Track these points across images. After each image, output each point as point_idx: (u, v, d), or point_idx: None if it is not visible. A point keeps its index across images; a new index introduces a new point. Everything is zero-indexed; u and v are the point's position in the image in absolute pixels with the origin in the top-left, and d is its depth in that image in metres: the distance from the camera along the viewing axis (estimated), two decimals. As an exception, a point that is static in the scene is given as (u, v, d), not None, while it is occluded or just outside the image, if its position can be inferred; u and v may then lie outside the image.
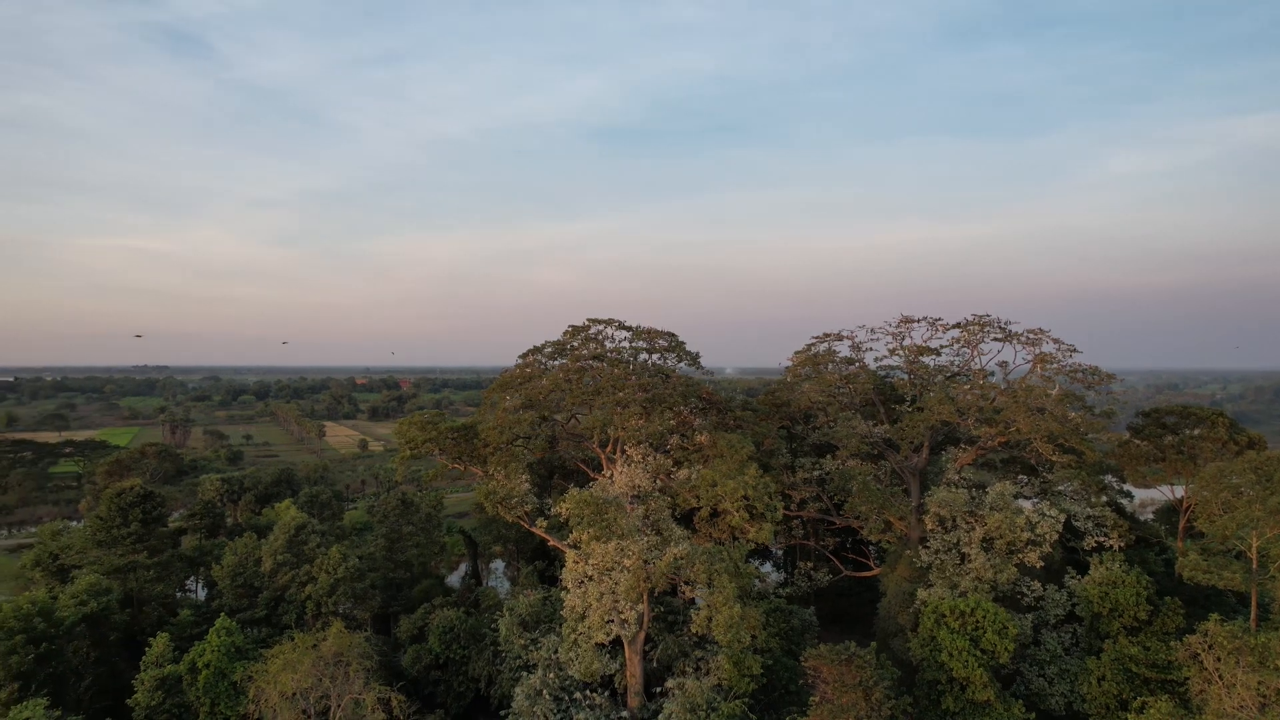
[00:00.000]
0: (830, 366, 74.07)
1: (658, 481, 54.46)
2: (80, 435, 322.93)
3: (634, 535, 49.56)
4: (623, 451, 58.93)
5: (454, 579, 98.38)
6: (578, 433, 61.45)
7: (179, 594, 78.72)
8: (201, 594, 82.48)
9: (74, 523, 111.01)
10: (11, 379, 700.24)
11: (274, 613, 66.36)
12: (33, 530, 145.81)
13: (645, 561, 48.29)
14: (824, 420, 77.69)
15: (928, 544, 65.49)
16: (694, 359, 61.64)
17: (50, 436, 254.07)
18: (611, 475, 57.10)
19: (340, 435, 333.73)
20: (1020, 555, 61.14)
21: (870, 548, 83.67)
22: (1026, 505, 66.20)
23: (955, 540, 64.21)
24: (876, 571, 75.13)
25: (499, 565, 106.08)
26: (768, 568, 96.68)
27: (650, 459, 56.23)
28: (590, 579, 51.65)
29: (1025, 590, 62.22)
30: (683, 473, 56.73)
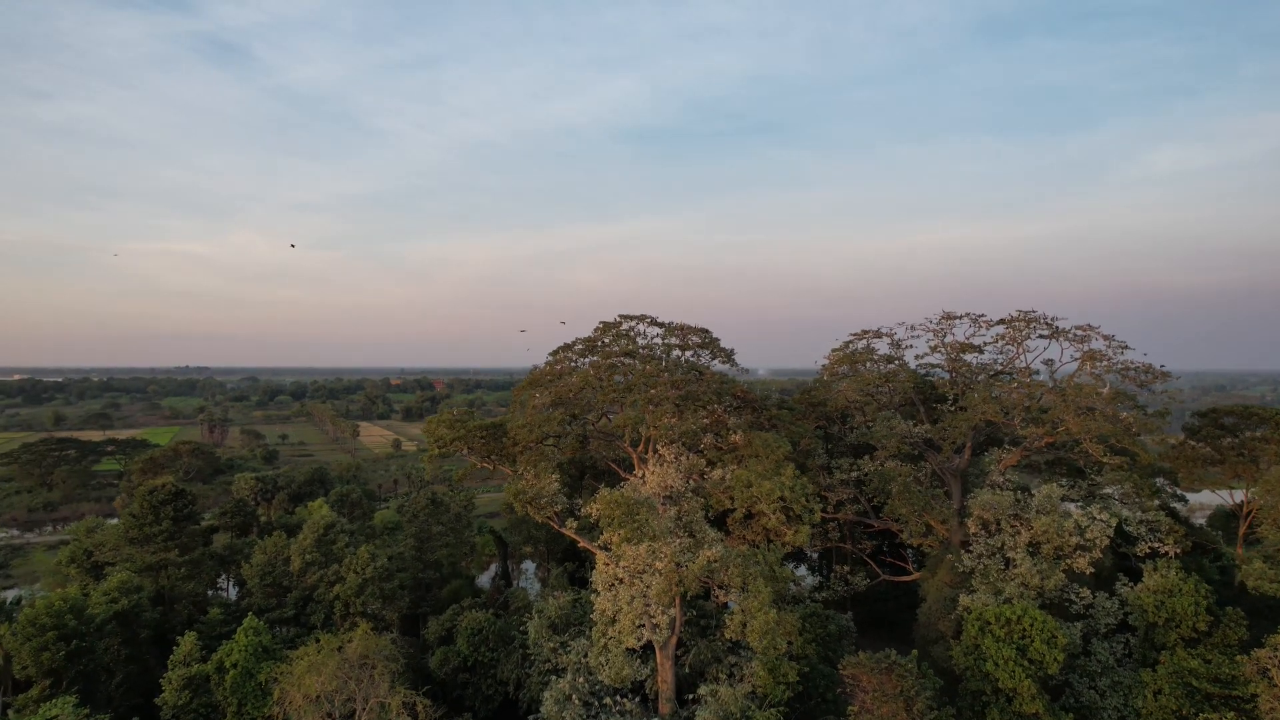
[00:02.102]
0: (869, 365, 71.79)
1: (690, 482, 52.82)
2: (124, 434, 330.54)
3: (666, 537, 48.04)
4: (654, 451, 57.44)
5: (484, 580, 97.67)
6: (609, 431, 59.98)
7: (210, 592, 78.93)
8: (233, 593, 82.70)
9: (110, 520, 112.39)
10: (61, 379, 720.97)
11: (302, 612, 66.02)
12: (75, 526, 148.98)
13: (677, 564, 46.73)
14: (861, 420, 75.45)
15: (970, 548, 63.06)
16: (728, 356, 59.91)
17: (94, 435, 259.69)
18: (643, 475, 55.61)
19: (374, 435, 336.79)
20: (1069, 561, 58.50)
21: (907, 551, 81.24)
22: (1074, 508, 63.42)
23: (999, 544, 61.72)
24: (916, 576, 72.74)
25: (529, 566, 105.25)
26: (803, 571, 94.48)
27: (683, 459, 54.61)
28: (621, 582, 50.25)
29: (1074, 597, 59.49)
30: (716, 473, 55.02)
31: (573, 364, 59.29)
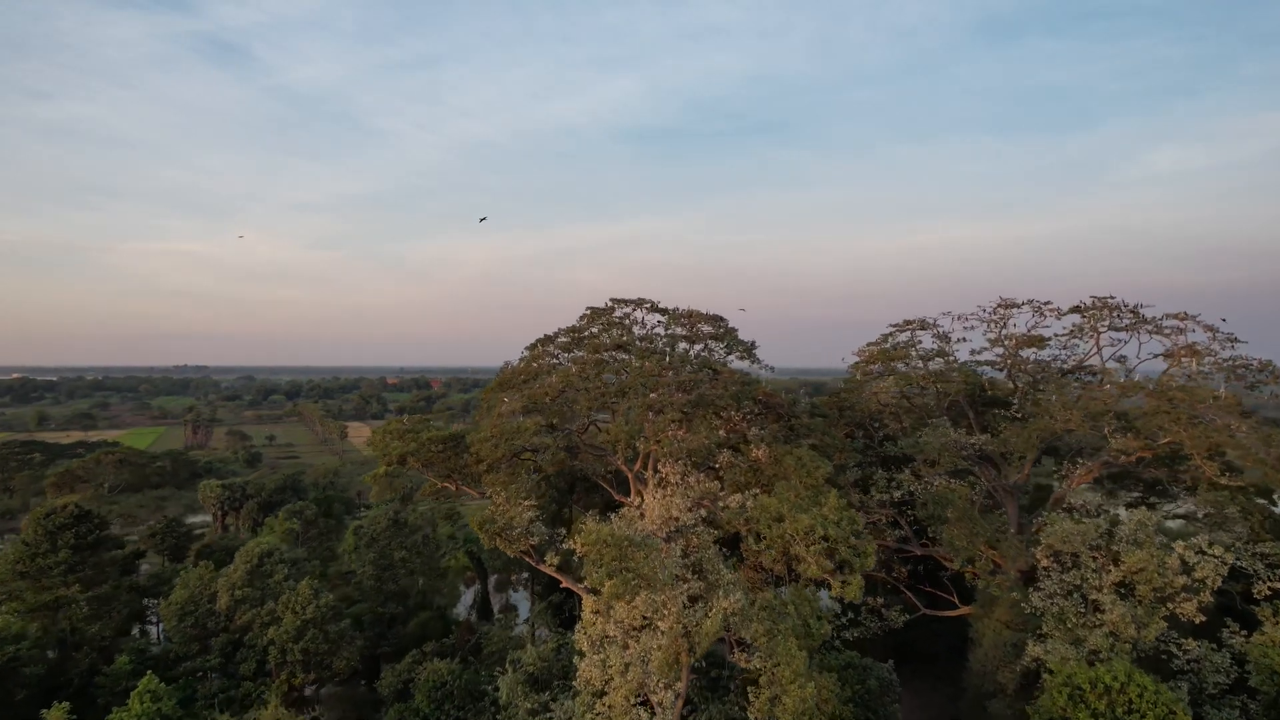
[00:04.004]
0: (911, 362, 60.39)
1: (701, 510, 41.24)
2: (108, 435, 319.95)
3: (670, 585, 36.66)
4: (655, 469, 46.00)
5: (463, 607, 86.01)
6: (597, 444, 48.18)
7: (140, 630, 67.59)
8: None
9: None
10: (55, 378, 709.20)
11: (230, 660, 54.60)
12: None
13: (686, 629, 35.39)
14: (896, 427, 64.06)
15: (1038, 584, 51.73)
16: (748, 350, 48.48)
17: (75, 435, 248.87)
18: (640, 503, 44.11)
19: (365, 436, 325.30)
20: (1172, 606, 47.04)
21: (944, 576, 69.79)
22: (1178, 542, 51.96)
23: (1078, 581, 50.31)
24: (964, 611, 61.47)
25: (518, 586, 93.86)
26: (824, 595, 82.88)
27: (693, 480, 42.90)
28: (612, 640, 38.90)
29: (1174, 650, 48.04)
30: (734, 498, 43.21)
31: (553, 360, 47.87)
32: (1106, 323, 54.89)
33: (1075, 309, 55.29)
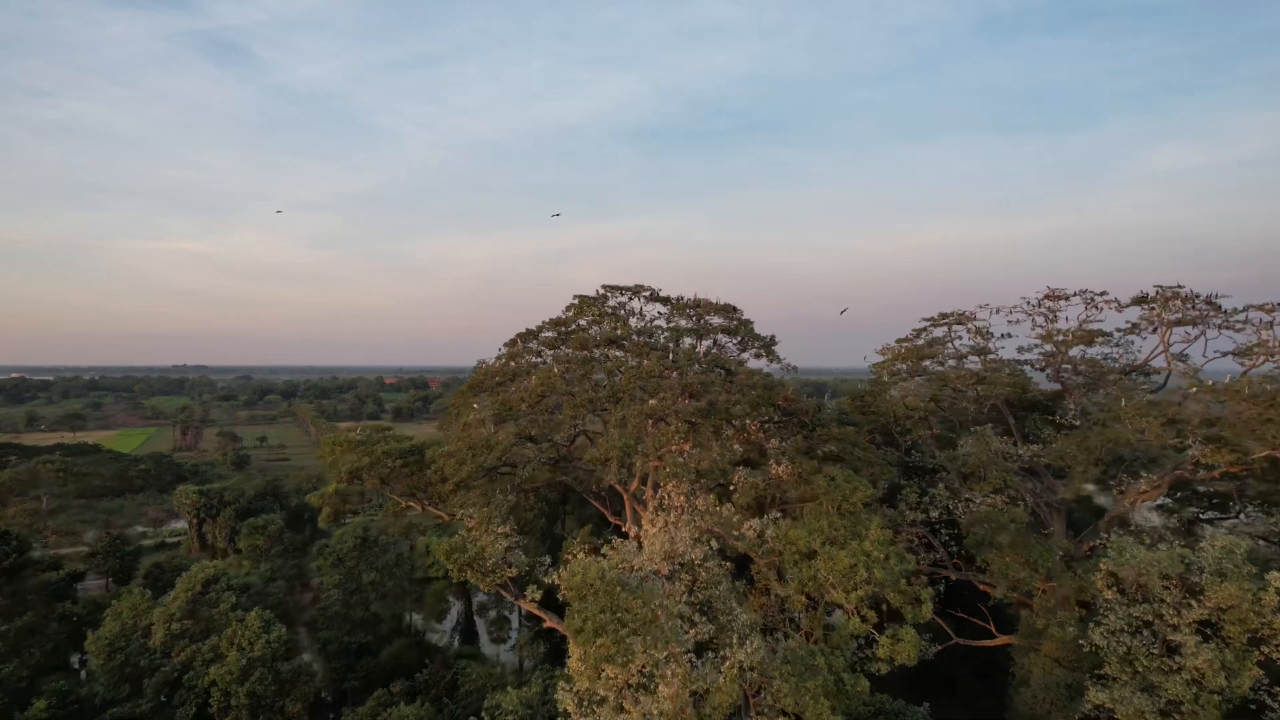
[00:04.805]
0: (946, 361, 53.17)
1: (712, 543, 33.67)
2: (96, 435, 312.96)
3: (673, 638, 29.41)
4: (656, 487, 38.65)
5: (448, 625, 78.53)
6: (586, 460, 39.92)
7: (80, 663, 60.23)
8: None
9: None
10: (51, 378, 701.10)
11: (167, 705, 47.36)
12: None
13: (694, 695, 28.18)
14: (925, 434, 56.83)
15: (1098, 617, 44.45)
16: (767, 346, 41.08)
17: (43, 438, 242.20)
18: (639, 530, 36.81)
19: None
20: (1268, 649, 39.75)
21: (986, 605, 62.49)
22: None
23: (1148, 617, 43.02)
24: (1003, 641, 54.25)
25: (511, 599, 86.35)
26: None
27: (701, 503, 35.22)
28: (603, 700, 31.66)
29: (1270, 700, 40.74)
30: (751, 523, 35.66)
31: (535, 359, 40.53)
32: (1176, 315, 47.61)
33: (1139, 300, 47.98)
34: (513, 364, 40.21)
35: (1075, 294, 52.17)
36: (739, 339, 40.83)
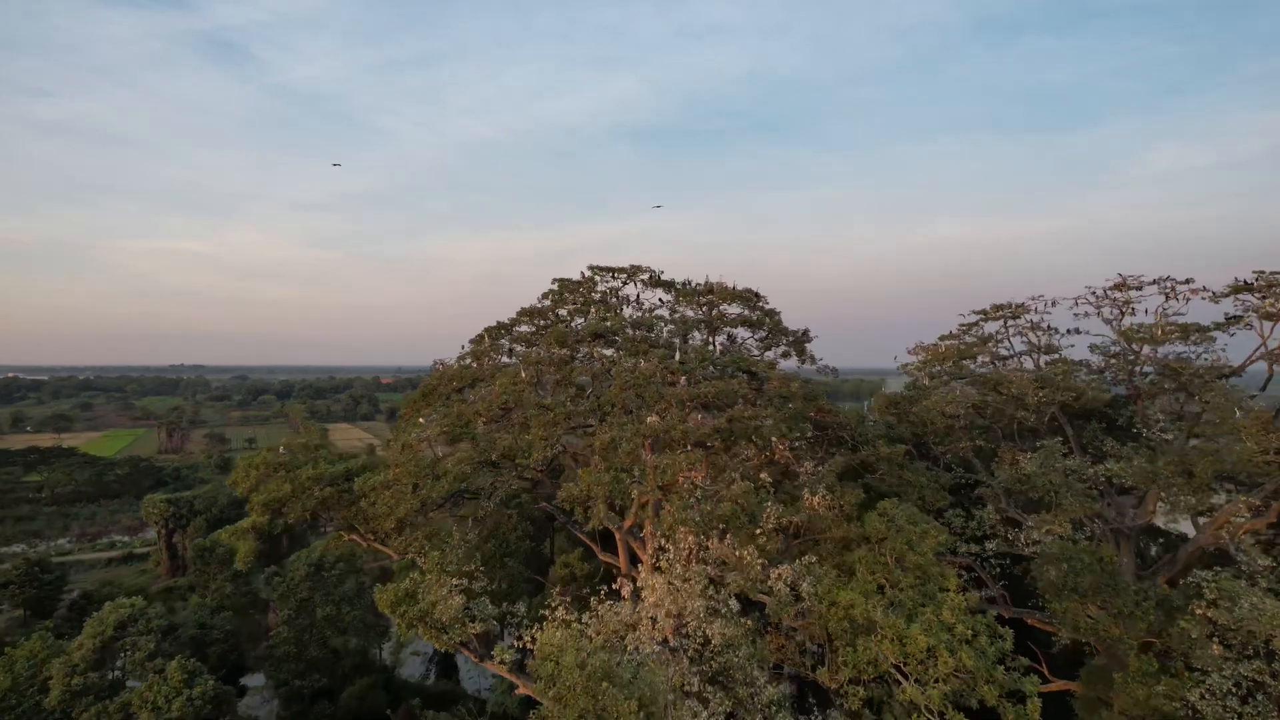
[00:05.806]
0: (996, 362, 45.13)
1: (730, 600, 25.34)
2: (82, 437, 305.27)
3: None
4: (655, 510, 30.48)
5: (425, 654, 70.17)
6: (561, 499, 30.62)
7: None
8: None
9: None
10: (45, 378, 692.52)
11: (66, 775, 39.25)
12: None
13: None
14: (964, 446, 48.69)
15: (1198, 671, 36.49)
16: (798, 342, 32.93)
17: (18, 440, 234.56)
18: (636, 571, 28.57)
19: (350, 438, 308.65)
20: None
21: (1051, 650, 54.44)
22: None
23: (1260, 677, 35.06)
24: (1064, 688, 46.20)
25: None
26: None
27: (714, 547, 26.64)
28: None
29: None
30: (779, 571, 27.11)
31: (506, 358, 32.37)
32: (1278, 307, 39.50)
33: (1242, 287, 39.81)
34: (475, 365, 32.09)
35: (1152, 282, 44.13)
36: (764, 333, 32.65)
